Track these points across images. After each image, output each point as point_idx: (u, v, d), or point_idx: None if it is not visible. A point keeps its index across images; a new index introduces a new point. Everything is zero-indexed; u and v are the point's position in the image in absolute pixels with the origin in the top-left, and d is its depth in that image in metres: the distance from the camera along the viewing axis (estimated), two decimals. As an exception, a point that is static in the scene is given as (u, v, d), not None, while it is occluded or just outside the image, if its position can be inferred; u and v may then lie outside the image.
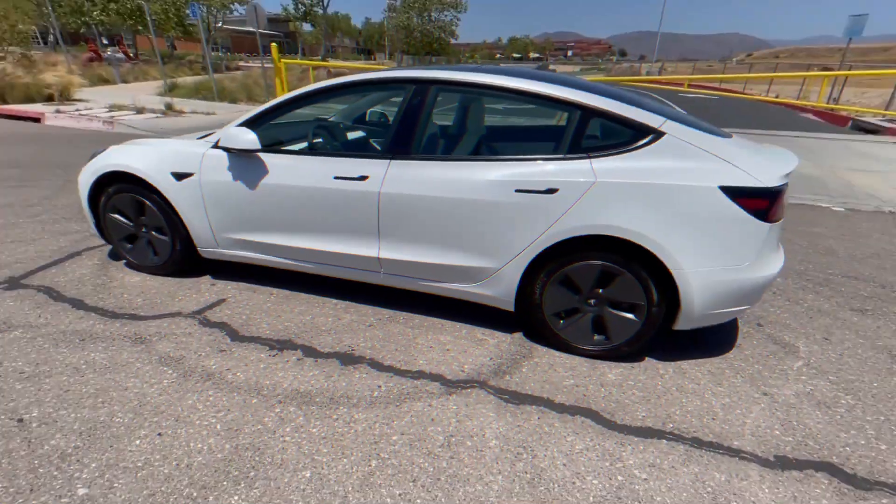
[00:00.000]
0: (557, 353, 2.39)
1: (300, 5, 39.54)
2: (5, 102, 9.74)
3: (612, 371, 2.27)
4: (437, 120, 2.66)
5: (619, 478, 1.68)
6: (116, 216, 2.91)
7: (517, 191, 2.16)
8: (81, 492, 1.54)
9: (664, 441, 1.86)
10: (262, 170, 2.51)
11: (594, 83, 2.49)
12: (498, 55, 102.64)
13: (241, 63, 28.88)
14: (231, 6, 26.61)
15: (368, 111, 3.70)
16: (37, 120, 9.08)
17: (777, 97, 16.67)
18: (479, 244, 2.28)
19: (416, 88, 2.37)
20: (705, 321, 2.20)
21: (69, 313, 2.56)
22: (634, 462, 1.75)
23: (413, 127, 2.35)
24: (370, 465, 1.68)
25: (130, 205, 2.84)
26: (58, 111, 9.30)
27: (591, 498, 1.59)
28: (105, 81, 16.12)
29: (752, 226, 2.01)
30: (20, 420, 1.82)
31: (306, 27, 46.96)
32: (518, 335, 2.53)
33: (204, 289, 2.88)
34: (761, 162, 2.12)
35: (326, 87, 2.53)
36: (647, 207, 2.03)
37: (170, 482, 1.58)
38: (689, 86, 21.99)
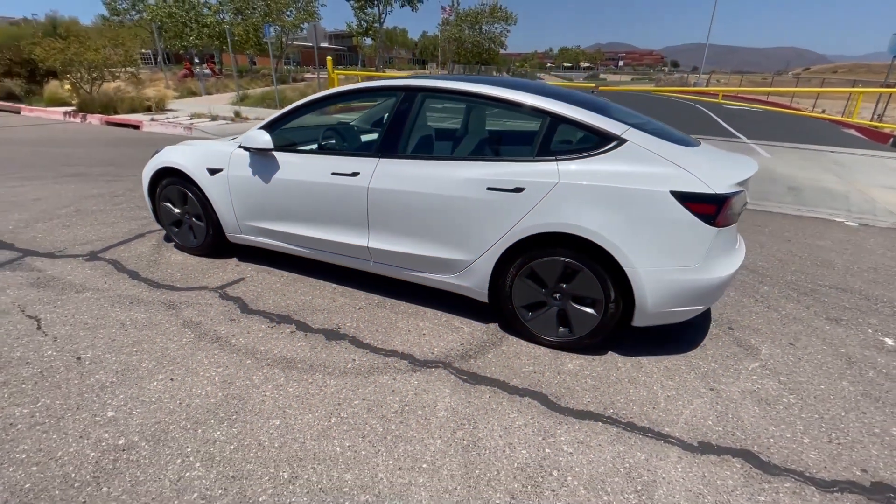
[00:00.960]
0: (526, 344, 2.48)
1: (363, 22, 41.07)
2: (115, 113, 10.93)
3: (573, 362, 2.33)
4: (427, 123, 2.82)
5: (547, 450, 1.77)
6: (167, 204, 3.32)
7: (489, 189, 2.28)
8: (110, 414, 1.85)
9: (600, 423, 1.92)
10: (275, 166, 2.78)
11: (569, 92, 2.55)
12: (548, 64, 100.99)
13: (308, 75, 30.41)
14: (301, 26, 28.18)
15: (386, 115, 3.92)
16: (136, 127, 10.13)
17: (823, 112, 15.38)
18: (455, 237, 2.42)
19: (405, 95, 2.55)
20: (661, 319, 2.22)
21: (126, 282, 2.96)
22: (565, 439, 1.83)
23: (401, 129, 2.53)
24: (329, 421, 1.87)
25: (177, 195, 3.23)
26: (152, 119, 10.33)
27: (514, 464, 1.70)
28: (193, 94, 17.59)
29: (700, 229, 2.02)
30: (78, 358, 2.18)
31: (367, 41, 48.66)
32: (493, 326, 2.64)
33: (229, 268, 3.22)
34: (716, 170, 2.12)
35: (331, 95, 2.77)
36: (604, 208, 2.09)
37: (172, 415, 1.86)
38: (735, 97, 20.72)
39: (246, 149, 2.80)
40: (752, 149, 9.04)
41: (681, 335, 2.58)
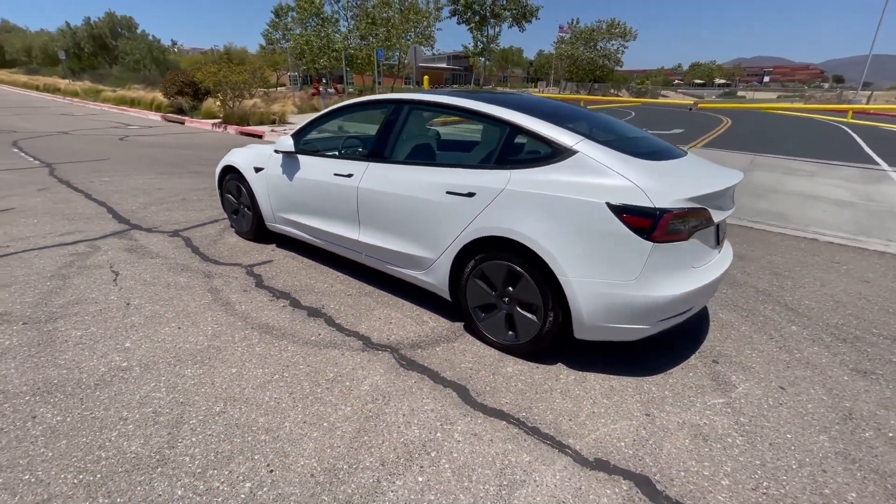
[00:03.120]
0: (479, 344, 2.57)
1: (478, 43, 42.83)
2: (248, 124, 13.15)
3: (514, 366, 2.37)
4: (411, 131, 3.08)
5: (438, 434, 1.88)
6: (228, 196, 4.06)
7: (447, 192, 2.46)
8: (127, 344, 2.42)
9: (504, 423, 1.96)
10: (297, 167, 3.29)
11: (543, 103, 2.61)
12: (676, 81, 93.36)
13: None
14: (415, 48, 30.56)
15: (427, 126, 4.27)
16: (260, 136, 12.05)
17: None
18: (422, 236, 2.63)
19: (394, 107, 2.85)
20: (601, 334, 2.16)
21: (187, 254, 3.71)
22: (461, 429, 1.92)
23: (388, 136, 2.83)
24: (272, 378, 2.21)
25: (234, 189, 3.95)
26: (272, 130, 12.19)
27: (401, 439, 1.85)
28: (315, 109, 20.17)
29: (635, 243, 1.96)
30: (127, 304, 2.87)
31: (482, 61, 50.57)
32: (458, 325, 2.77)
33: (265, 252, 3.81)
34: (672, 183, 2.04)
35: (340, 107, 3.21)
36: (541, 216, 2.14)
37: (165, 353, 2.37)
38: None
39: (277, 151, 3.36)
40: (889, 176, 7.56)
41: (652, 360, 2.44)
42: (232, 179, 3.93)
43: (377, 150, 2.87)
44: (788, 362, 2.47)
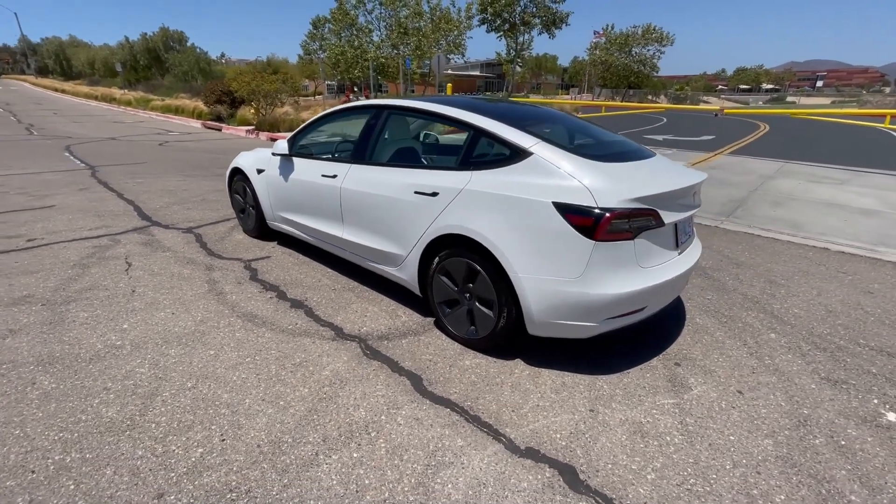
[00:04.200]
0: (445, 338, 2.67)
1: (511, 50, 42.94)
2: (278, 131, 13.82)
3: (473, 360, 2.46)
4: (389, 135, 3.22)
5: (382, 417, 2.00)
6: (236, 195, 4.36)
7: (415, 192, 2.59)
8: (124, 326, 2.68)
9: (448, 410, 2.06)
10: (292, 168, 3.51)
11: (510, 107, 2.71)
12: (719, 86, 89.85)
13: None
14: (448, 57, 31.02)
15: (422, 132, 4.43)
16: (287, 140, 12.65)
17: None
18: (394, 234, 2.77)
19: (375, 112, 3.02)
20: (551, 330, 2.22)
21: (195, 249, 4.01)
22: (406, 413, 2.03)
23: (367, 140, 3.00)
24: (244, 360, 2.40)
25: (241, 189, 4.23)
26: (300, 135, 12.76)
27: (348, 419, 1.98)
28: (345, 115, 20.91)
29: (578, 242, 2.02)
30: (133, 291, 3.15)
31: (516, 68, 50.64)
32: (430, 320, 2.88)
33: (266, 248, 4.06)
34: (623, 184, 2.09)
35: (327, 114, 3.42)
36: (494, 215, 2.24)
37: (156, 334, 2.60)
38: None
39: (274, 154, 3.60)
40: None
41: (613, 360, 2.47)
42: (239, 181, 4.22)
43: (358, 153, 3.05)
44: (755, 368, 2.43)
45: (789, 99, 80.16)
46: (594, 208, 1.99)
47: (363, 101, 3.24)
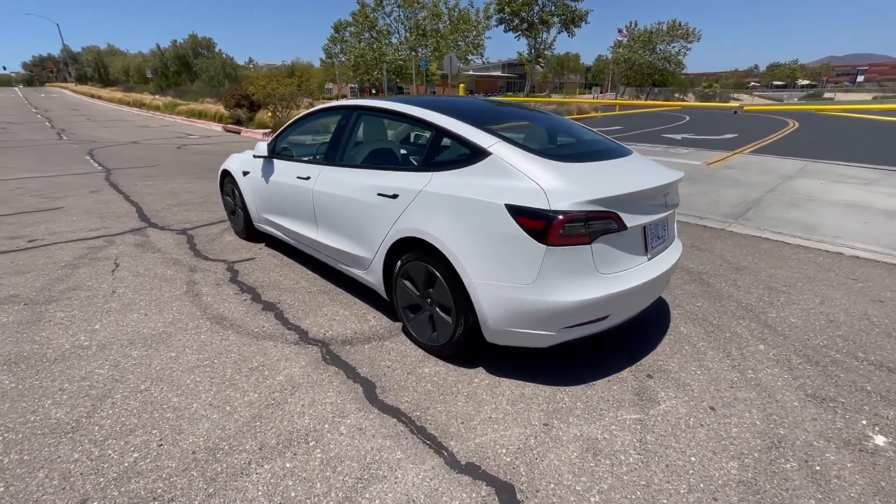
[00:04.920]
0: (409, 345, 2.60)
1: (532, 50, 42.56)
2: (292, 131, 14.09)
3: (433, 367, 2.38)
4: (358, 136, 3.16)
5: (325, 426, 1.95)
6: (227, 197, 4.40)
7: (378, 194, 2.53)
8: (96, 327, 2.71)
9: (394, 420, 1.98)
10: (272, 170, 3.51)
11: (479, 105, 2.62)
12: (751, 83, 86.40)
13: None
14: (467, 58, 30.97)
15: (395, 133, 4.36)
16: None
17: None
18: (360, 236, 2.72)
19: (345, 113, 2.97)
20: (508, 339, 2.12)
21: (185, 250, 4.06)
22: (350, 422, 1.97)
23: (338, 141, 2.96)
24: (202, 363, 2.39)
25: (230, 191, 4.27)
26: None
27: (290, 427, 1.93)
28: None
29: (530, 246, 1.92)
30: (114, 291, 3.20)
31: (537, 68, 50.13)
32: (399, 325, 2.81)
33: (253, 250, 4.08)
34: (581, 185, 1.98)
35: (303, 116, 3.40)
36: (450, 217, 2.15)
37: (123, 335, 2.62)
38: None
39: (255, 157, 3.61)
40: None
41: (581, 370, 2.35)
42: (228, 183, 4.26)
43: (330, 155, 3.01)
44: (734, 382, 2.26)
45: (826, 95, 76.46)
46: (547, 211, 1.88)
47: (335, 103, 3.21)
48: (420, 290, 2.42)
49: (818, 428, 1.96)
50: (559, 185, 1.96)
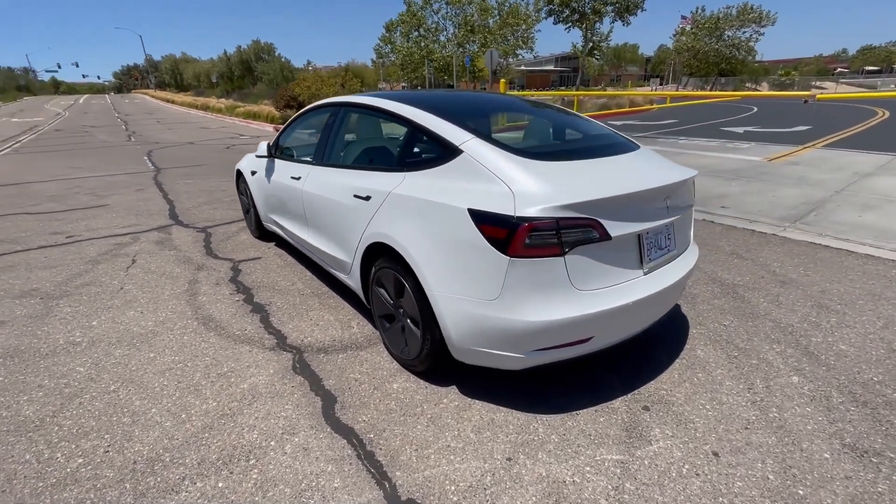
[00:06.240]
0: (386, 356, 2.44)
1: (588, 42, 40.90)
2: (336, 130, 14.47)
3: (404, 383, 2.21)
4: (346, 134, 3.02)
5: (272, 443, 1.84)
6: (242, 196, 4.47)
7: (354, 196, 2.39)
8: (93, 323, 2.81)
9: (344, 442, 1.84)
10: (273, 170, 3.48)
11: (469, 98, 2.40)
12: (837, 70, 77.43)
13: (529, 94, 32.54)
14: (515, 52, 30.32)
15: (394, 131, 4.21)
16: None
17: None
18: (340, 238, 2.60)
19: (333, 110, 2.86)
20: (474, 358, 1.91)
21: (199, 248, 4.16)
22: (297, 441, 1.84)
23: (326, 140, 2.85)
24: (175, 366, 2.37)
25: (244, 190, 4.33)
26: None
27: (238, 441, 1.84)
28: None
29: (492, 257, 1.69)
30: (121, 288, 3.33)
31: (593, 60, 48.13)
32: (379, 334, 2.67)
33: (262, 248, 4.11)
34: (558, 187, 1.72)
35: (299, 115, 3.35)
36: (415, 222, 1.97)
37: (114, 333, 2.68)
38: None
39: (258, 157, 3.60)
40: None
41: (568, 396, 2.09)
42: (242, 182, 4.32)
43: (318, 154, 2.91)
44: (751, 423, 1.90)
45: (931, 80, 67.06)
46: (510, 217, 1.64)
47: (323, 101, 3.11)
48: (393, 299, 2.26)
49: (851, 491, 1.58)
50: (533, 188, 1.71)
